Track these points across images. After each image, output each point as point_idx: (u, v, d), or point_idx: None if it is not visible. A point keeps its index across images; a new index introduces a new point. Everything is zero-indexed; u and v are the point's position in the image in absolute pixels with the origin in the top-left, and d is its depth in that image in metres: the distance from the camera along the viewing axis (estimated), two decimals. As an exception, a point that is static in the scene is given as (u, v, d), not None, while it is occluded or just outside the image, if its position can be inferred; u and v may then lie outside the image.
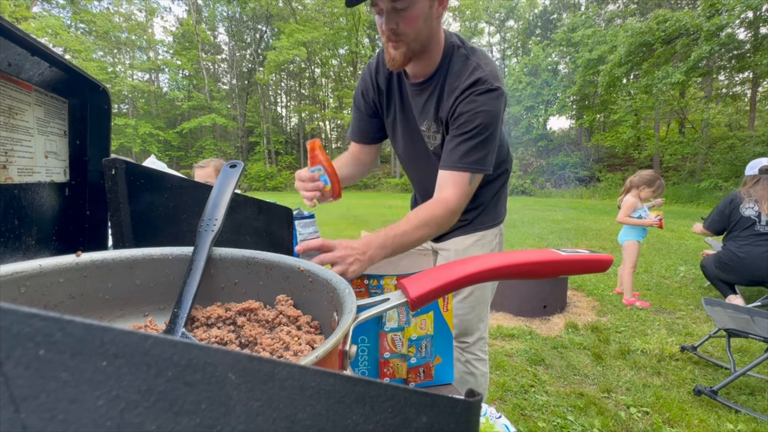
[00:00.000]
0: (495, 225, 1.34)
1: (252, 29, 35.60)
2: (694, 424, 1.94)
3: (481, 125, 1.03)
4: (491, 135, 1.05)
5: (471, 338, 1.34)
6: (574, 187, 20.50)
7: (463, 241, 1.32)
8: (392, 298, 0.51)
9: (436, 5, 1.02)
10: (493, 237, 1.34)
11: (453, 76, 1.09)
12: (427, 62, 1.11)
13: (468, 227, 1.32)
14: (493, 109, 1.04)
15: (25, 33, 0.49)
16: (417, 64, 1.11)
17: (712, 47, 14.92)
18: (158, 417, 0.14)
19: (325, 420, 0.17)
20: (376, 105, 1.30)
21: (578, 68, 20.58)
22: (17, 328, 0.12)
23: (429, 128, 1.18)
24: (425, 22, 1.01)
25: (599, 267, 0.58)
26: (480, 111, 1.03)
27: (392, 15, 0.98)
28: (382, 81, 1.24)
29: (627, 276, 3.71)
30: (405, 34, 1.00)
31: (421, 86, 1.15)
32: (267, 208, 0.93)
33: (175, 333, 0.46)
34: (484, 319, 1.35)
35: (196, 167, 2.62)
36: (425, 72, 1.13)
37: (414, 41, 1.02)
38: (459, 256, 1.30)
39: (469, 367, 1.35)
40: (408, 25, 0.99)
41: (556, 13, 29.39)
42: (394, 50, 1.04)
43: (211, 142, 32.36)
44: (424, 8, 0.99)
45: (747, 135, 17.02)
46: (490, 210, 1.32)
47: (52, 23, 23.40)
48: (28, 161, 0.58)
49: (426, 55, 1.09)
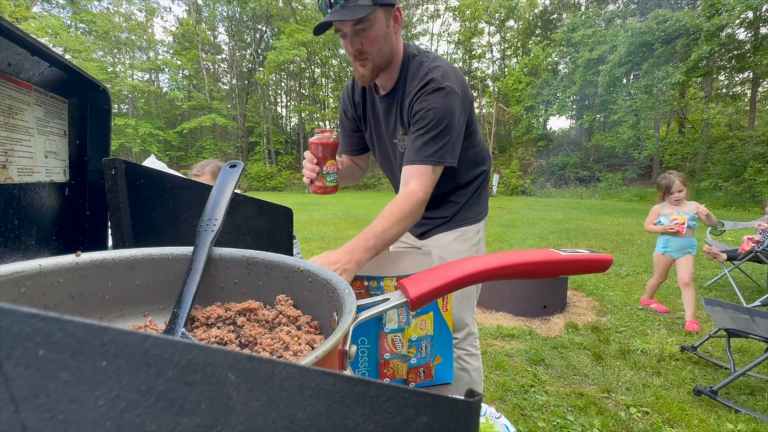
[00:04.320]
0: (477, 221, 1.40)
1: (252, 29, 35.59)
2: (694, 424, 1.94)
3: (433, 120, 1.12)
4: (445, 129, 1.13)
5: (460, 334, 1.38)
6: (574, 187, 20.50)
7: (445, 237, 1.38)
8: (392, 299, 0.51)
9: (392, 23, 1.13)
10: (474, 233, 1.40)
11: (409, 80, 1.19)
12: (390, 74, 1.22)
13: (449, 224, 1.38)
14: (444, 105, 1.12)
15: (25, 33, 0.49)
16: (383, 76, 1.21)
17: (712, 47, 14.94)
18: (158, 417, 0.14)
19: (325, 420, 0.17)
20: (356, 121, 1.41)
21: (578, 68, 20.58)
22: (17, 328, 0.12)
23: (398, 133, 1.28)
24: (385, 39, 1.12)
25: (599, 267, 0.58)
26: (431, 108, 1.12)
27: (355, 37, 1.09)
28: (357, 98, 1.36)
29: (649, 283, 3.69)
30: (369, 52, 1.11)
31: (387, 98, 1.26)
32: (267, 208, 0.93)
33: (175, 333, 0.46)
34: (470, 314, 1.40)
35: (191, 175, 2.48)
36: (389, 84, 1.24)
37: (378, 56, 1.13)
38: (442, 251, 1.35)
39: (461, 363, 1.37)
40: (370, 43, 1.10)
41: (556, 13, 29.39)
42: (362, 68, 1.15)
43: (211, 142, 32.34)
44: (383, 27, 1.10)
45: (747, 135, 17.01)
46: (469, 207, 1.39)
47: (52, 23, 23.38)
48: (28, 161, 0.58)
49: (390, 68, 1.20)
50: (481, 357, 1.44)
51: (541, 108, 24.42)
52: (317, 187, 1.21)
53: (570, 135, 26.14)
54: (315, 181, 1.19)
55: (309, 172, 1.19)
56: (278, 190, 28.05)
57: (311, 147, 1.17)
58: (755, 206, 12.80)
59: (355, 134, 1.45)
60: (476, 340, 1.41)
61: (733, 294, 3.82)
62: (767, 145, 15.20)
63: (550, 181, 22.12)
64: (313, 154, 1.17)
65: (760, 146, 15.26)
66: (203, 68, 32.80)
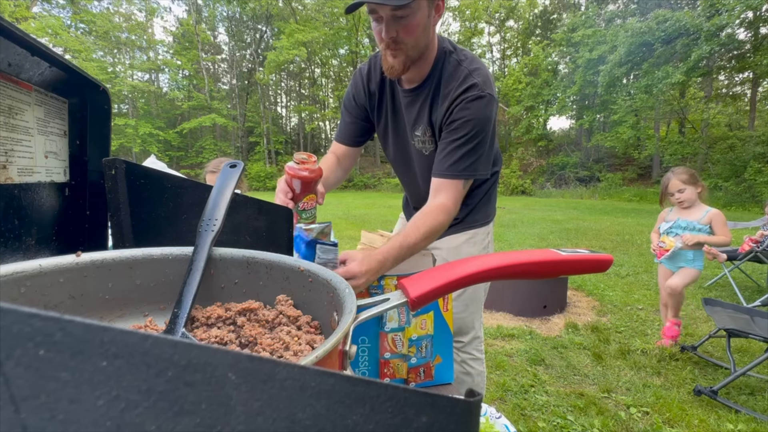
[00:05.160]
0: (486, 223, 1.37)
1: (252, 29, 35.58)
2: (694, 424, 1.94)
3: (472, 132, 1.05)
4: (482, 141, 1.07)
5: (466, 337, 1.35)
6: (574, 187, 20.50)
7: (455, 239, 1.34)
8: (392, 298, 0.51)
9: (433, 13, 1.03)
10: (484, 235, 1.37)
11: (445, 81, 1.10)
12: (420, 68, 1.12)
13: (460, 225, 1.34)
14: (485, 115, 1.06)
15: (25, 33, 0.49)
16: (412, 70, 1.12)
17: (712, 47, 14.94)
18: (158, 417, 0.14)
19: (325, 420, 0.17)
20: (366, 110, 1.31)
21: (578, 68, 20.58)
22: (17, 328, 0.12)
23: (424, 133, 1.19)
24: (424, 31, 1.02)
25: (599, 267, 0.58)
26: (472, 118, 1.05)
27: (392, 23, 0.98)
28: (374, 86, 1.25)
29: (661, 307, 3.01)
30: (404, 42, 1.01)
31: (413, 92, 1.16)
32: (267, 208, 0.93)
33: (175, 333, 0.46)
34: (478, 318, 1.37)
35: (208, 172, 2.42)
36: (418, 78, 1.14)
37: (413, 49, 1.03)
38: (452, 253, 1.32)
39: (466, 367, 1.35)
40: (408, 33, 0.99)
41: (556, 13, 29.38)
42: (392, 58, 1.04)
43: (211, 142, 32.33)
44: (423, 17, 1.00)
45: (747, 135, 17.01)
46: (480, 209, 1.35)
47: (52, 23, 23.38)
48: (28, 161, 0.58)
49: (421, 61, 1.10)
50: (485, 361, 1.42)
51: (541, 108, 24.42)
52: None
53: (570, 135, 26.14)
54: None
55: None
56: (278, 190, 27.97)
57: (287, 177, 0.94)
58: (755, 206, 12.81)
59: (361, 123, 1.33)
60: (481, 344, 1.39)
61: (733, 294, 3.82)
62: (767, 145, 15.20)
63: (550, 181, 22.12)
64: (288, 186, 0.94)
65: (760, 146, 15.27)
66: (203, 68, 32.80)
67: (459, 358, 1.35)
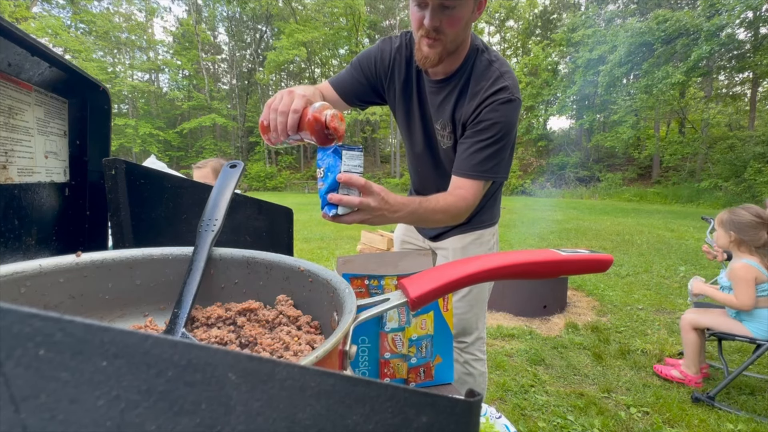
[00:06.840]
0: (492, 224, 1.36)
1: (252, 29, 35.60)
2: (694, 424, 1.94)
3: (499, 134, 1.05)
4: (506, 144, 1.08)
5: (469, 338, 1.34)
6: (574, 187, 20.52)
7: (461, 240, 1.33)
8: (392, 298, 0.51)
9: (475, 10, 1.02)
10: (490, 236, 1.36)
11: (476, 78, 1.09)
12: (451, 62, 1.10)
13: (466, 226, 1.33)
14: (512, 120, 1.06)
15: (25, 33, 0.49)
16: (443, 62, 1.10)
17: (712, 47, 14.95)
18: (158, 417, 0.14)
19: (325, 420, 0.17)
20: (381, 81, 1.24)
21: (578, 68, 20.59)
22: (17, 328, 0.12)
23: (444, 127, 1.18)
24: (466, 26, 1.01)
25: (599, 267, 0.58)
26: (500, 121, 1.05)
27: (438, 12, 0.96)
28: (400, 64, 1.20)
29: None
30: (445, 33, 0.99)
31: (440, 84, 1.15)
32: (267, 208, 0.93)
33: (175, 333, 0.46)
34: (482, 319, 1.36)
35: (195, 167, 2.63)
36: (446, 70, 1.13)
37: (452, 42, 1.02)
38: (458, 254, 1.31)
39: (468, 368, 1.35)
40: (451, 25, 0.98)
41: (556, 13, 29.39)
42: (428, 48, 1.01)
43: (211, 142, 32.38)
44: (468, 11, 0.99)
45: (747, 135, 17.03)
46: (487, 210, 1.34)
47: (52, 23, 23.41)
48: (28, 161, 0.58)
49: (454, 55, 1.09)
50: (486, 362, 1.42)
51: (541, 108, 24.44)
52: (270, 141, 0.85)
53: (570, 135, 26.15)
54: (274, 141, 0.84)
55: (276, 134, 0.81)
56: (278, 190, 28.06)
57: (311, 123, 0.76)
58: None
59: (364, 86, 1.23)
60: (484, 345, 1.39)
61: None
62: (767, 145, 15.21)
63: (550, 181, 22.13)
64: (310, 131, 0.77)
65: (760, 146, 15.28)
66: (203, 68, 32.82)
67: (462, 359, 1.35)
